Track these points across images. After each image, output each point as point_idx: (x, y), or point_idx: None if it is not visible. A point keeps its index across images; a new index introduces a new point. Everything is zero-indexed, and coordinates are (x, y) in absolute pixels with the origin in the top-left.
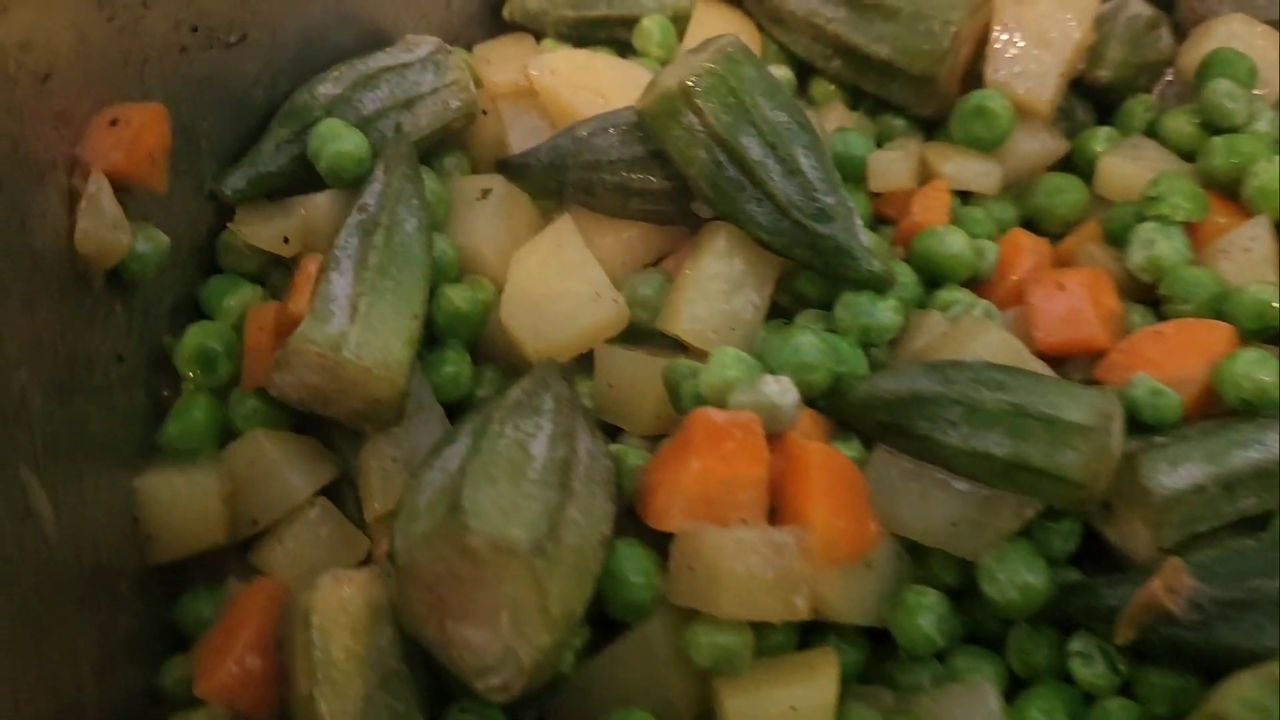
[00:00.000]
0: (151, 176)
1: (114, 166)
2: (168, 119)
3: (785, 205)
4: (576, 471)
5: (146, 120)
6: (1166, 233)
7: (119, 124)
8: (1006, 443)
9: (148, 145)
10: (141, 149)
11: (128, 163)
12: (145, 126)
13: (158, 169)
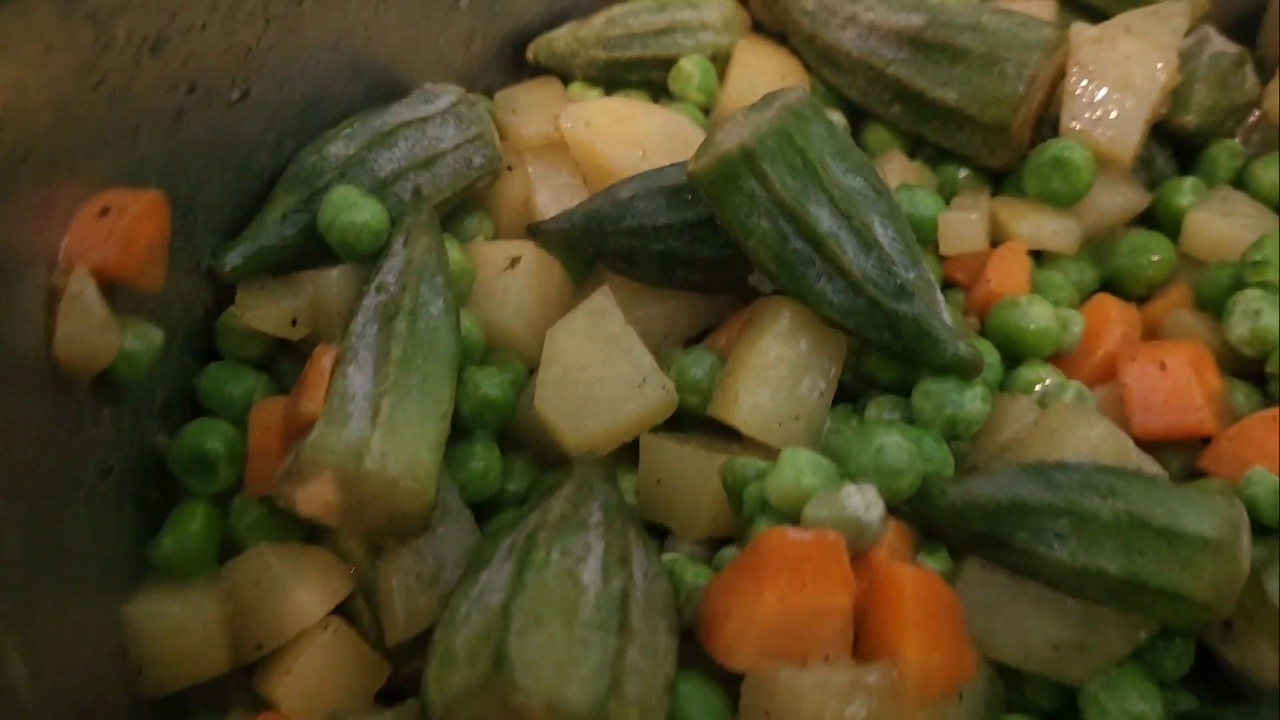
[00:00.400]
0: (147, 275)
1: (104, 262)
2: (167, 208)
3: (860, 281)
4: (635, 602)
5: (142, 209)
6: (1273, 302)
7: (110, 213)
8: (1121, 558)
9: (143, 238)
10: (136, 243)
11: (120, 258)
12: (141, 217)
13: (154, 265)
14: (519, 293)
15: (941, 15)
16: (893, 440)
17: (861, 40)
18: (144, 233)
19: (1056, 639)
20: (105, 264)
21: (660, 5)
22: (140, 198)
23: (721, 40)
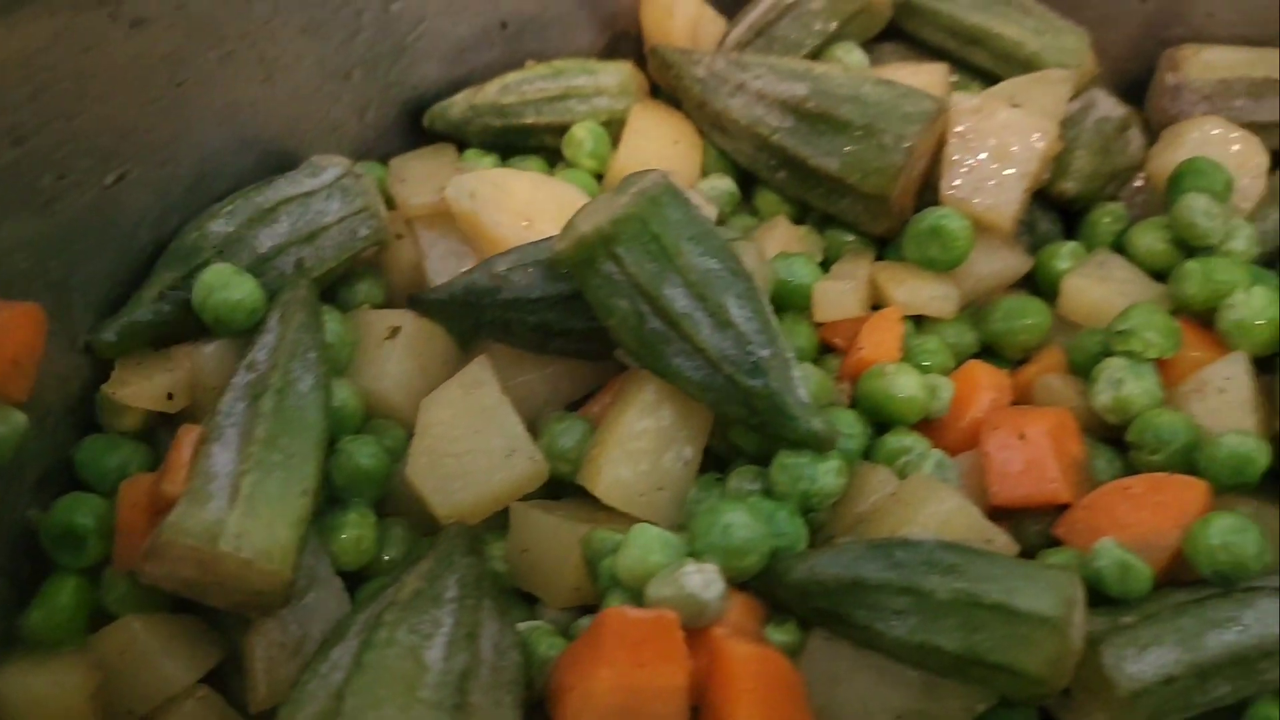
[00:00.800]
0: (11, 385)
1: None
2: (43, 320)
3: (716, 359)
4: (478, 679)
5: (17, 321)
6: (1137, 371)
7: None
8: (958, 635)
9: (10, 351)
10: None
11: None
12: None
13: (21, 378)
14: (398, 362)
15: (824, 85)
16: (739, 519)
17: (749, 108)
18: (12, 345)
19: (899, 709)
20: None
21: (555, 72)
22: (13, 309)
23: (617, 105)
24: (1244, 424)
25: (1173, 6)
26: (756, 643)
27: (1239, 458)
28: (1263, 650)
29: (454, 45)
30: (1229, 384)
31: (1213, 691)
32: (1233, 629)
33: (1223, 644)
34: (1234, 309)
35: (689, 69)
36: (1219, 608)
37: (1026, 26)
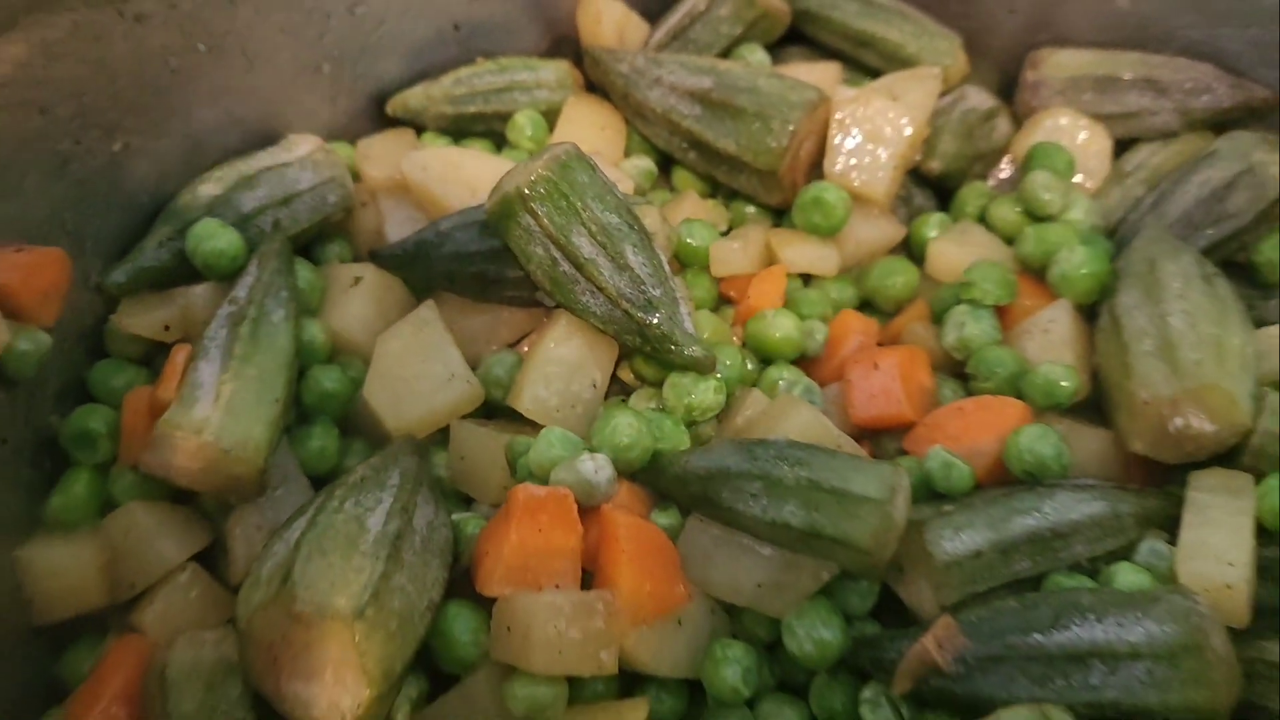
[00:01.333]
0: (41, 310)
1: (7, 284)
2: (67, 264)
3: (615, 297)
4: (410, 543)
5: (48, 260)
6: (976, 315)
7: (23, 253)
8: (801, 513)
9: (42, 282)
10: (36, 282)
11: (21, 287)
12: (44, 265)
13: (49, 307)
14: (360, 306)
15: (726, 79)
16: (625, 420)
17: (664, 98)
18: (43, 278)
19: (759, 578)
20: (9, 285)
21: (501, 68)
22: (48, 253)
23: (555, 97)
24: (1064, 358)
25: (1040, 16)
26: (637, 516)
27: (1050, 383)
28: (1057, 533)
29: (412, 44)
30: (1053, 325)
31: (1015, 565)
32: (1033, 515)
33: (1024, 527)
34: (1059, 264)
35: (615, 66)
36: (1023, 499)
37: (907, 31)
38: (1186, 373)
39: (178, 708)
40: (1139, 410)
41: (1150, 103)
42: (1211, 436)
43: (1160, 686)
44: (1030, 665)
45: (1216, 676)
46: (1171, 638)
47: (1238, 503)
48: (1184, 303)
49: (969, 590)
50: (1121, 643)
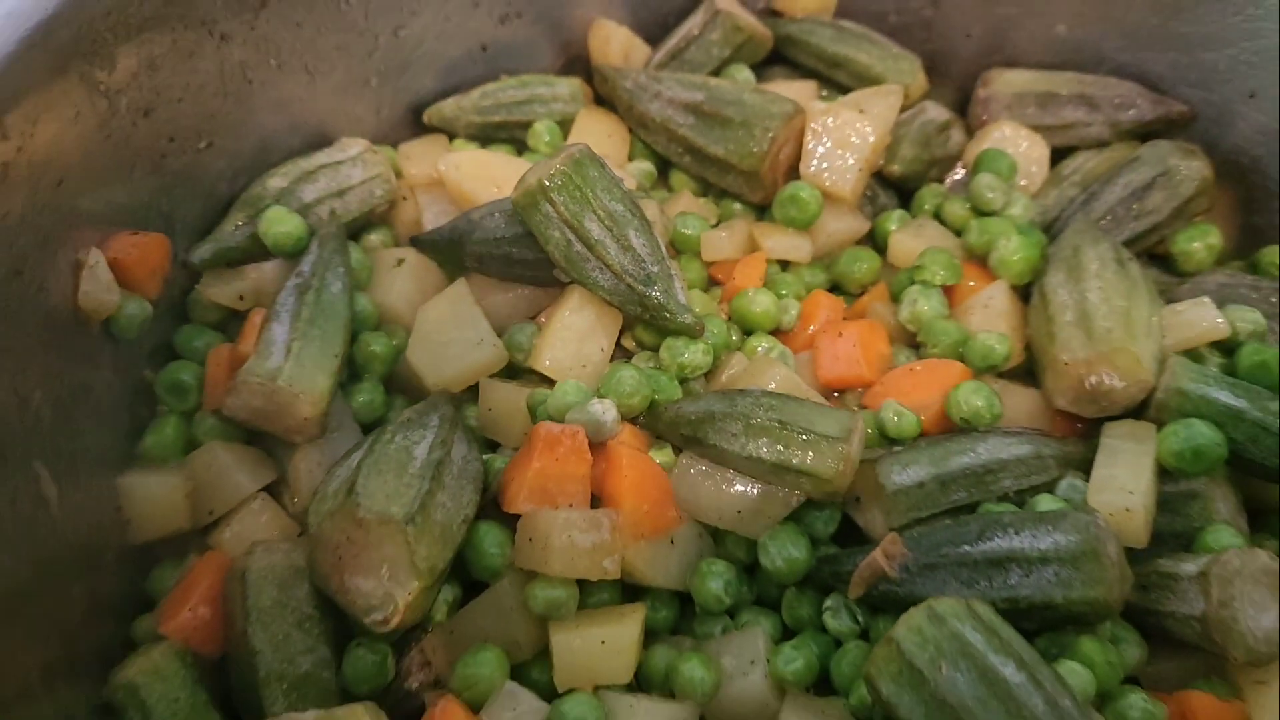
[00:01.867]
0: (148, 284)
1: (122, 258)
2: (169, 248)
3: (620, 273)
4: (449, 469)
5: (155, 244)
6: (927, 294)
7: (137, 236)
8: (773, 449)
9: (151, 261)
10: (146, 260)
11: (135, 264)
12: (153, 247)
13: (154, 280)
14: (403, 283)
15: (716, 93)
16: (628, 374)
17: (662, 110)
18: (151, 258)
19: (739, 506)
20: (123, 259)
21: (522, 84)
22: (154, 238)
23: (569, 109)
24: (999, 328)
25: (991, 41)
26: (637, 451)
27: (986, 348)
28: (988, 469)
29: (446, 63)
30: (991, 301)
31: (952, 495)
32: (968, 455)
33: (960, 464)
34: (998, 251)
35: (621, 82)
36: (960, 442)
37: (874, 54)
38: (1100, 339)
39: (256, 603)
40: (1061, 371)
41: (1084, 116)
42: (1121, 392)
43: (1064, 585)
44: (960, 570)
45: (1109, 577)
46: (1074, 545)
47: (1141, 446)
48: (1100, 281)
49: (913, 515)
50: (1034, 550)
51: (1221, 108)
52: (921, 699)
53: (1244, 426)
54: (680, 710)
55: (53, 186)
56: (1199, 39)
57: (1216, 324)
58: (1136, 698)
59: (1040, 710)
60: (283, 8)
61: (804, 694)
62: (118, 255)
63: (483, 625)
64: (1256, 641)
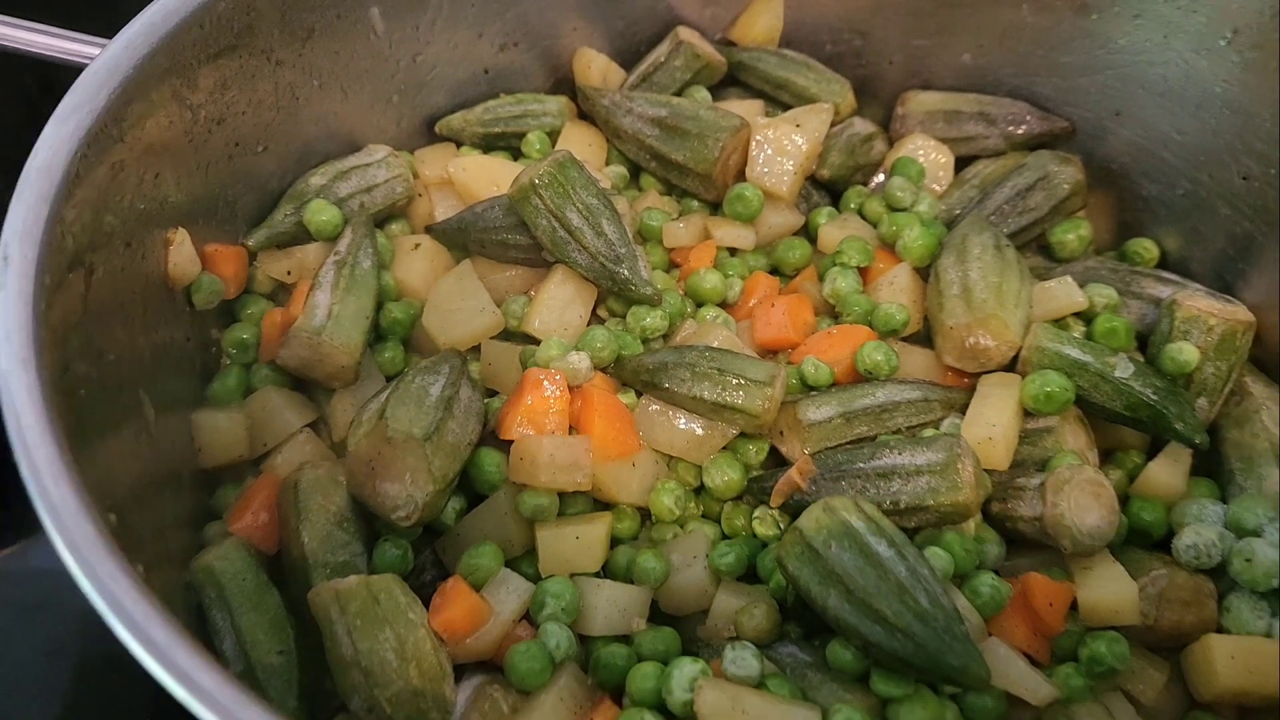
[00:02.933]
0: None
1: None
2: (246, 257)
3: (595, 254)
4: (457, 404)
5: (236, 254)
6: (845, 273)
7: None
8: (714, 391)
9: (232, 270)
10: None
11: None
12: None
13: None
14: (420, 263)
15: (677, 110)
16: (600, 332)
17: (634, 123)
18: (233, 264)
19: (687, 437)
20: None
21: (518, 101)
22: (236, 249)
23: (556, 122)
24: (901, 300)
25: (911, 67)
26: (607, 392)
27: (889, 315)
28: (885, 409)
29: (455, 83)
30: (896, 280)
31: (856, 429)
32: (869, 397)
33: (862, 404)
34: (903, 239)
35: (600, 100)
36: (864, 389)
37: (810, 78)
38: (977, 308)
39: (306, 507)
40: (947, 334)
41: (983, 130)
42: (994, 350)
43: (933, 491)
44: (855, 481)
45: (967, 485)
46: (940, 461)
47: (1006, 392)
48: (980, 263)
49: (824, 444)
50: (911, 465)
51: (1095, 124)
52: (817, 571)
53: (1087, 376)
54: (638, 592)
55: (152, 179)
56: (1075, 67)
57: (1076, 299)
58: (987, 577)
59: (904, 576)
60: (324, 39)
61: (734, 582)
62: (213, 255)
63: (483, 527)
64: (1081, 535)
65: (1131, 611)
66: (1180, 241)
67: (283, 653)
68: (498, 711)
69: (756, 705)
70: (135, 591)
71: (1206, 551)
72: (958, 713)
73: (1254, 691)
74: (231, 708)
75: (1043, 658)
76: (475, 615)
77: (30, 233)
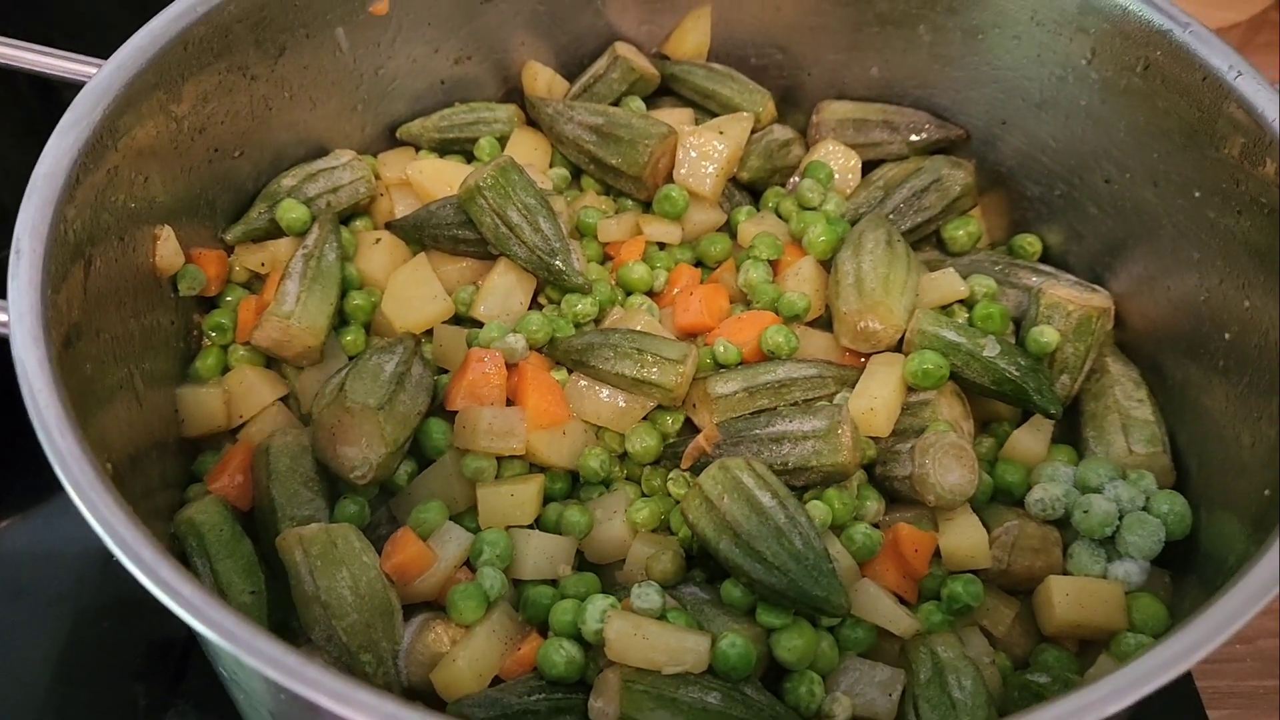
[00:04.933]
0: (213, 276)
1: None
2: (227, 261)
3: (533, 248)
4: (409, 380)
5: (219, 256)
6: (757, 266)
7: (210, 252)
8: (634, 367)
9: (215, 270)
10: (213, 267)
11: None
12: (218, 260)
13: (217, 277)
14: (380, 256)
15: (612, 118)
16: (535, 317)
17: (574, 130)
18: (217, 265)
19: (611, 409)
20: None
21: (471, 109)
22: (218, 252)
23: (506, 129)
24: (805, 289)
25: (827, 79)
26: (540, 370)
27: (791, 302)
28: (783, 384)
29: (414, 93)
30: (801, 270)
31: (758, 401)
32: (771, 374)
33: (764, 380)
34: (809, 234)
35: (545, 109)
36: (766, 366)
37: (735, 89)
38: (867, 295)
39: (276, 468)
40: (842, 318)
41: (887, 137)
42: (882, 333)
43: (818, 454)
44: (752, 445)
45: (845, 448)
46: (823, 427)
47: (889, 369)
48: (872, 256)
49: (730, 415)
50: (799, 431)
51: (986, 132)
52: (712, 520)
53: (960, 355)
54: (564, 542)
55: (142, 181)
56: (966, 80)
57: (958, 288)
58: (861, 527)
59: (783, 522)
60: (295, 56)
61: (649, 534)
62: (201, 256)
63: (431, 487)
64: (944, 491)
65: (984, 557)
66: (1061, 238)
67: (254, 593)
68: (440, 642)
69: (655, 632)
70: (127, 520)
71: (1051, 505)
72: (833, 642)
73: (1086, 624)
74: (205, 609)
75: (910, 597)
76: (421, 560)
77: (38, 230)
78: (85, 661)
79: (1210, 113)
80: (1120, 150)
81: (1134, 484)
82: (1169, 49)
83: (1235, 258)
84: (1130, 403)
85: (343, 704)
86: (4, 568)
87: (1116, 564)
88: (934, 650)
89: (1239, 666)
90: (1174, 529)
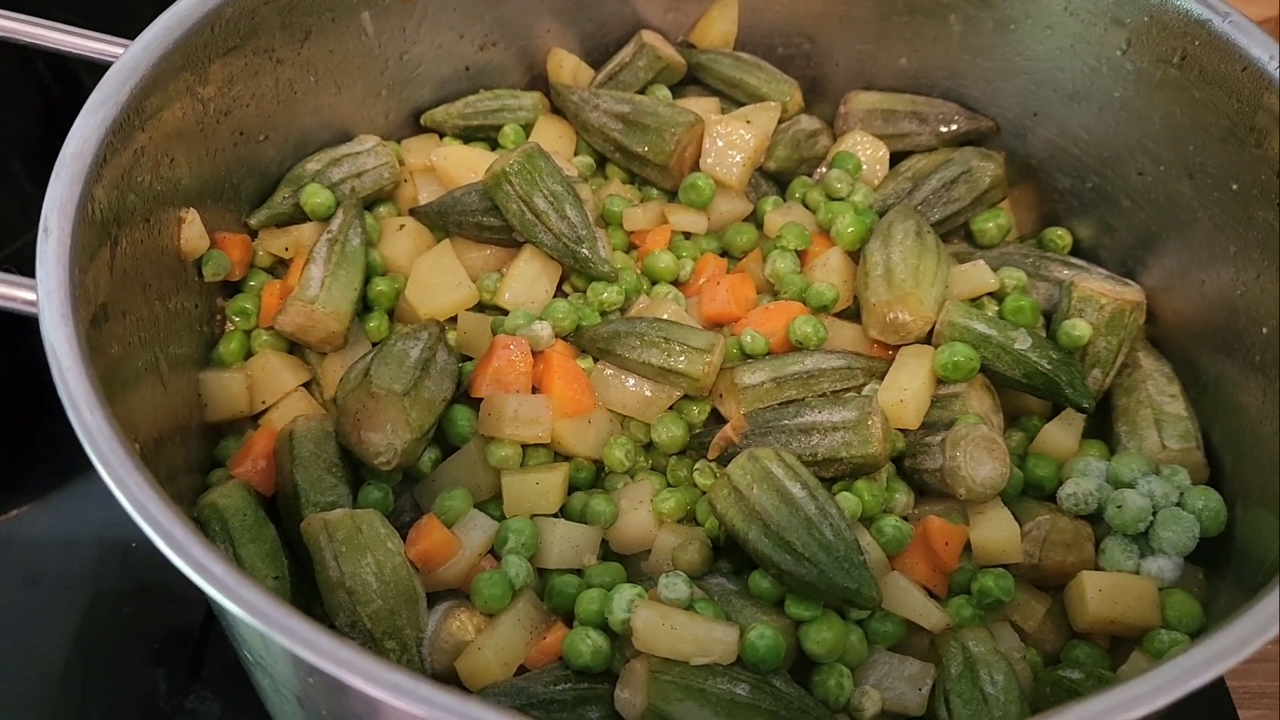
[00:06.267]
0: (237, 260)
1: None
2: (250, 245)
3: (559, 235)
4: (434, 366)
5: (243, 240)
6: (784, 256)
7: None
8: (661, 357)
9: (239, 254)
10: (237, 250)
11: (232, 251)
12: (242, 243)
13: (240, 261)
14: (404, 242)
15: (639, 106)
16: (561, 304)
17: (600, 118)
18: (240, 250)
19: (638, 398)
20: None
21: (496, 96)
22: (242, 236)
23: (531, 116)
24: (833, 280)
25: (855, 70)
26: (566, 357)
27: (820, 293)
28: (812, 375)
29: (438, 80)
30: (829, 260)
31: (786, 392)
32: (799, 364)
33: (792, 370)
34: (837, 225)
35: (570, 96)
36: (794, 357)
37: (762, 79)
38: (896, 287)
39: (300, 453)
40: (871, 309)
41: (916, 128)
42: (911, 325)
43: (848, 445)
44: (780, 436)
45: (875, 439)
46: (854, 418)
47: (919, 361)
48: (901, 247)
49: (757, 405)
50: (829, 422)
51: (1016, 124)
52: (741, 510)
53: (991, 348)
54: (590, 531)
55: (168, 163)
56: (997, 71)
57: (988, 280)
58: (891, 520)
59: (813, 513)
60: (320, 40)
61: (675, 524)
62: (225, 240)
63: (455, 474)
64: (975, 484)
65: (1015, 551)
66: (1092, 231)
67: (278, 578)
68: (464, 630)
69: (683, 622)
70: (158, 499)
71: (1084, 500)
72: (862, 635)
73: (1119, 620)
74: (237, 589)
75: (940, 591)
76: (446, 548)
77: (66, 209)
78: (104, 647)
79: (1250, 104)
80: (1155, 142)
81: (1167, 479)
82: (1207, 39)
83: (1274, 251)
84: (1163, 398)
85: (374, 685)
86: (23, 554)
87: (1149, 560)
88: (965, 644)
89: (1271, 667)
90: (1209, 525)
